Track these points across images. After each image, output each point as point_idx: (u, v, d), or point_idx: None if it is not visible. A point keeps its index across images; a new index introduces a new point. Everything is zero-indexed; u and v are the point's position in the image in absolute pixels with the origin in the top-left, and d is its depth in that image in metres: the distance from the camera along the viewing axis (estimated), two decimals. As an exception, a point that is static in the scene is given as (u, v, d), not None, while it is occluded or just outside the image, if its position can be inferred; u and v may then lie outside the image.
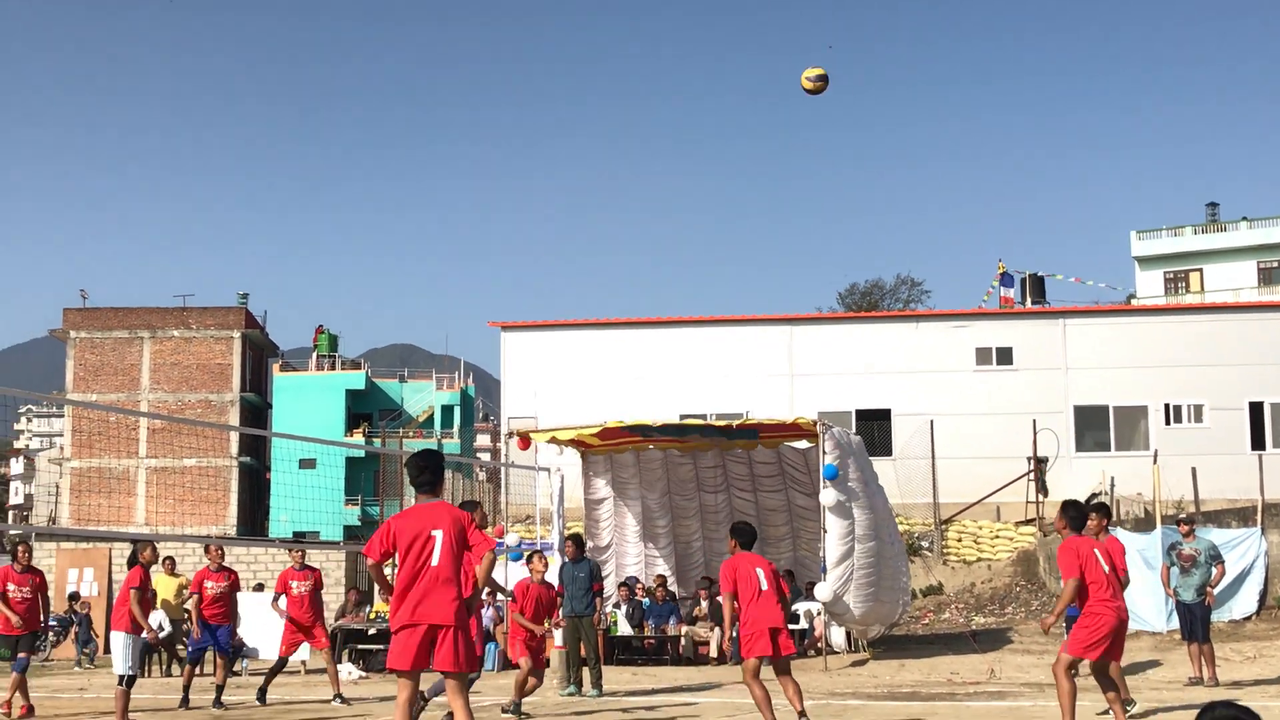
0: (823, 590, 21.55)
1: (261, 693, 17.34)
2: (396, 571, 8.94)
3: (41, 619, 16.29)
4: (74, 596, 33.54)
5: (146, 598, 14.88)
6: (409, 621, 8.64)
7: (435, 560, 8.71)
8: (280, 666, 17.85)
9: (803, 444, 25.39)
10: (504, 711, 14.47)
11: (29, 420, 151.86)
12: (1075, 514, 11.77)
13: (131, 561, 15.07)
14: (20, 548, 16.44)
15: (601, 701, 16.97)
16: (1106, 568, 11.31)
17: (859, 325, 46.11)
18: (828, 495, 21.50)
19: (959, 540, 35.23)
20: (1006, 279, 49.01)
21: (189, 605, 25.32)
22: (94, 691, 20.35)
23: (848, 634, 23.42)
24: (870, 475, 22.67)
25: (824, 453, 21.67)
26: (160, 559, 18.73)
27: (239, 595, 18.46)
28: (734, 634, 12.64)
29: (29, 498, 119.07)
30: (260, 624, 24.22)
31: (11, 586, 15.76)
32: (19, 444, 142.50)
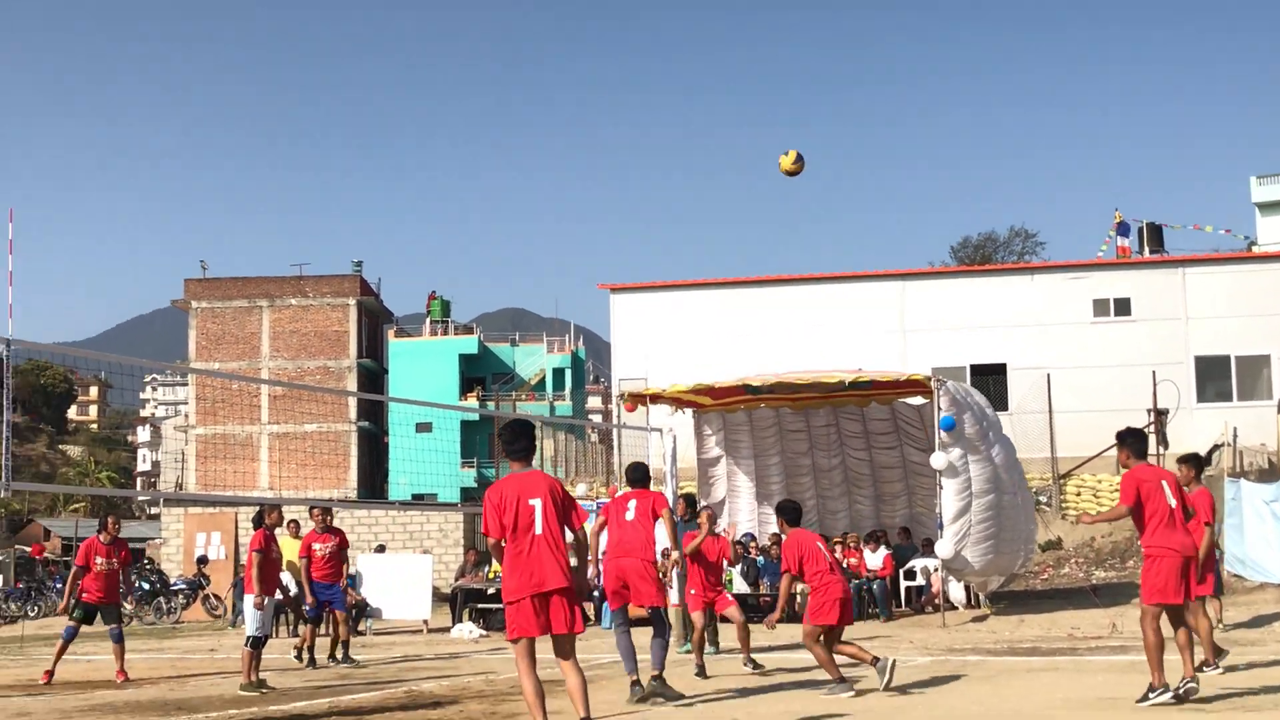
0: (942, 547, 21.45)
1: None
2: (499, 538, 9.10)
3: (122, 591, 16.75)
4: (202, 560, 34.41)
5: (272, 559, 15.18)
6: (520, 595, 8.86)
7: (539, 528, 8.92)
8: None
9: (917, 400, 25.21)
10: (745, 666, 14.43)
11: (154, 389, 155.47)
12: (1135, 441, 11.02)
13: (257, 524, 15.42)
14: (110, 519, 16.76)
15: (719, 658, 17.08)
16: (1173, 502, 10.56)
17: (972, 279, 45.52)
18: (938, 459, 21.36)
19: (1078, 494, 34.79)
20: (1123, 228, 47.93)
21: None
22: (224, 652, 20.91)
23: (967, 589, 23.28)
24: (990, 426, 22.44)
25: (939, 408, 21.53)
26: (285, 522, 19.12)
27: (362, 557, 18.85)
28: (784, 610, 13.25)
29: (156, 464, 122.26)
30: (382, 585, 24.70)
31: (99, 560, 16.17)
32: (145, 412, 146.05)
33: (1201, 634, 12.05)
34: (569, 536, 9.28)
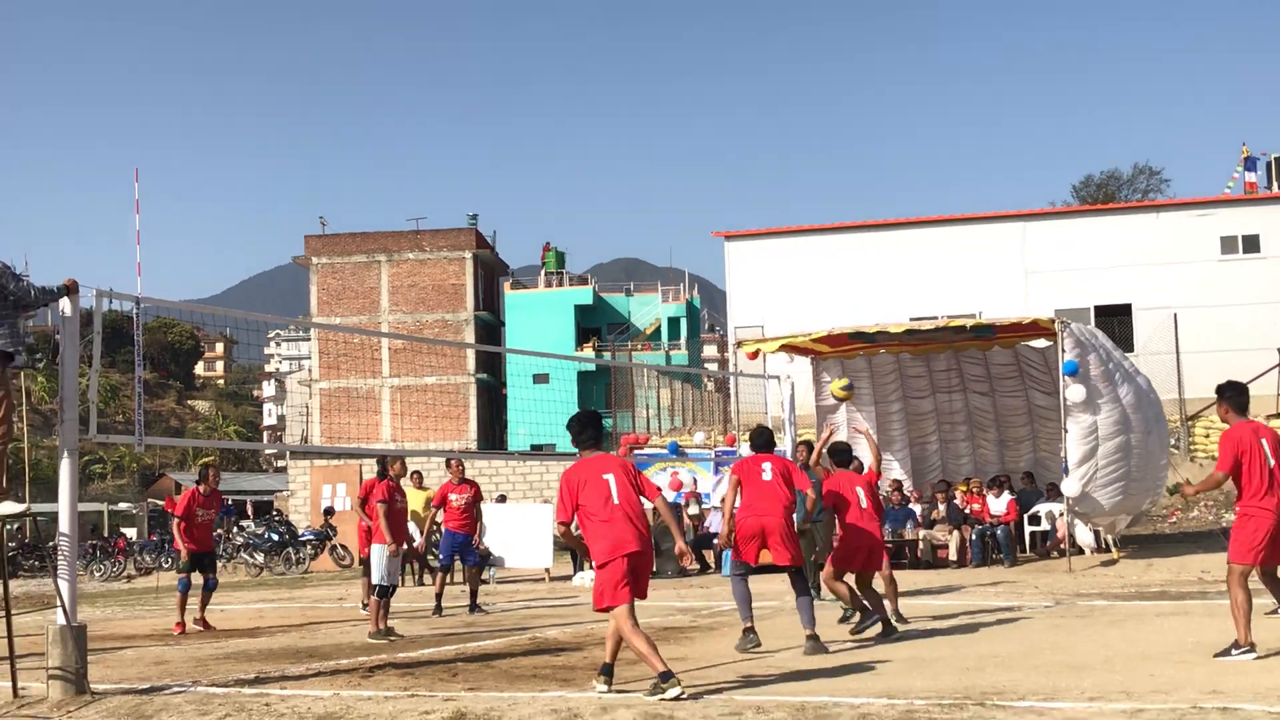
0: (1069, 485, 21.12)
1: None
2: (578, 523, 9.69)
3: (217, 536, 17.35)
4: (329, 511, 35.03)
5: (396, 509, 15.38)
6: (610, 556, 9.34)
7: (616, 499, 9.46)
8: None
9: (1041, 343, 24.78)
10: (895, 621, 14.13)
11: (278, 344, 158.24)
12: (1235, 396, 10.47)
13: (381, 475, 15.63)
14: (211, 472, 17.42)
15: (840, 605, 17.00)
16: (1272, 461, 10.09)
17: (1095, 218, 44.59)
18: (1074, 391, 20.96)
19: (1206, 436, 34.05)
20: (1251, 163, 46.55)
21: (439, 519, 26.30)
22: (352, 601, 21.29)
23: (1095, 534, 22.92)
24: (1116, 366, 21.99)
25: (1063, 351, 21.15)
26: (409, 472, 19.48)
27: (484, 508, 19.09)
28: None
29: (281, 418, 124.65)
30: (504, 534, 24.95)
31: (199, 511, 16.94)
32: (269, 368, 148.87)
33: None
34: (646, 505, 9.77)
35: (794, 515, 12.62)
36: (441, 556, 18.74)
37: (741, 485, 12.45)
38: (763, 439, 13.03)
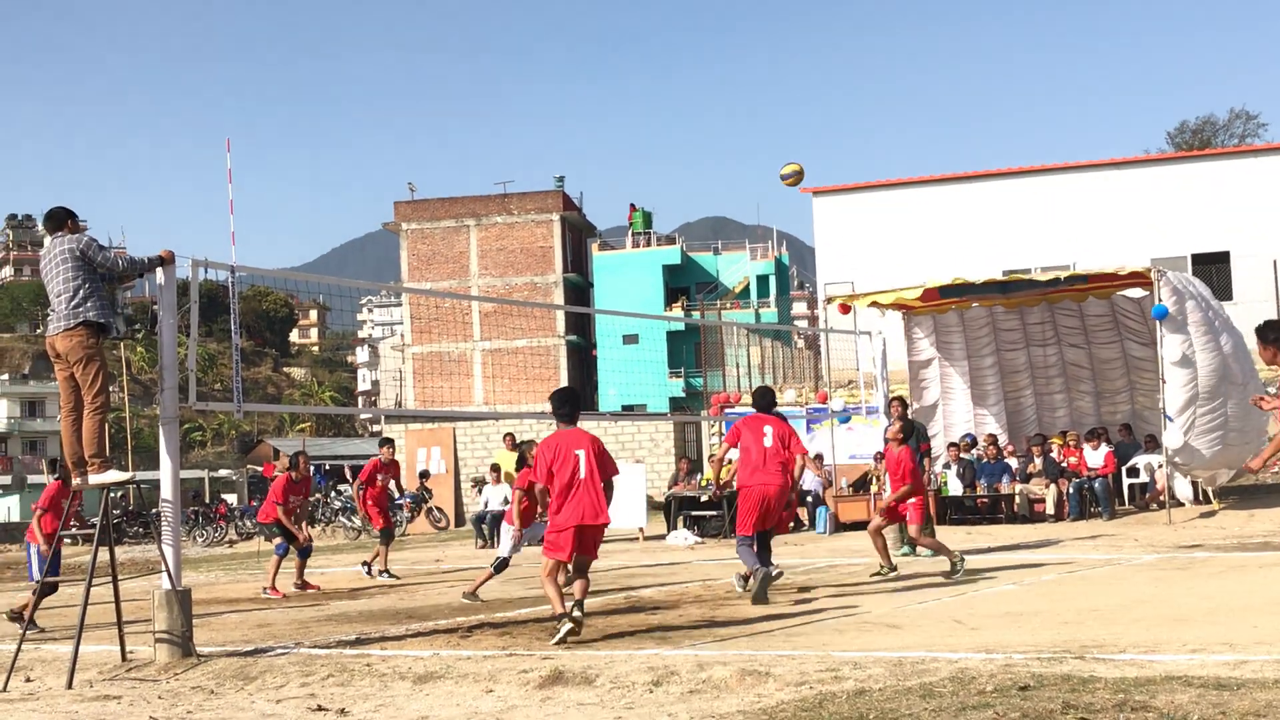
0: (1170, 437, 20.82)
1: None
2: (548, 484, 10.82)
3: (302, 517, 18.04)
4: (424, 474, 35.39)
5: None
6: (566, 525, 10.58)
7: (583, 474, 10.64)
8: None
9: (1137, 292, 24.39)
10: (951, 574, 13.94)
11: (370, 310, 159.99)
12: (1276, 336, 9.66)
13: (519, 464, 15.97)
14: (302, 458, 18.25)
15: (936, 561, 16.93)
16: None
17: (1191, 165, 43.69)
18: (1171, 342, 20.63)
19: (1310, 385, 33.38)
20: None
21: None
22: (449, 563, 21.54)
23: (1194, 485, 22.59)
24: (1215, 315, 21.61)
25: (1160, 299, 20.80)
26: (504, 435, 19.69)
27: None
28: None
29: (375, 384, 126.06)
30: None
31: (292, 498, 17.50)
32: (363, 334, 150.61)
33: None
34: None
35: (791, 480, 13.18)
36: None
37: (742, 446, 13.04)
38: (765, 400, 13.56)
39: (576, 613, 10.26)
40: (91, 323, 10.16)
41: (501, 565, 14.69)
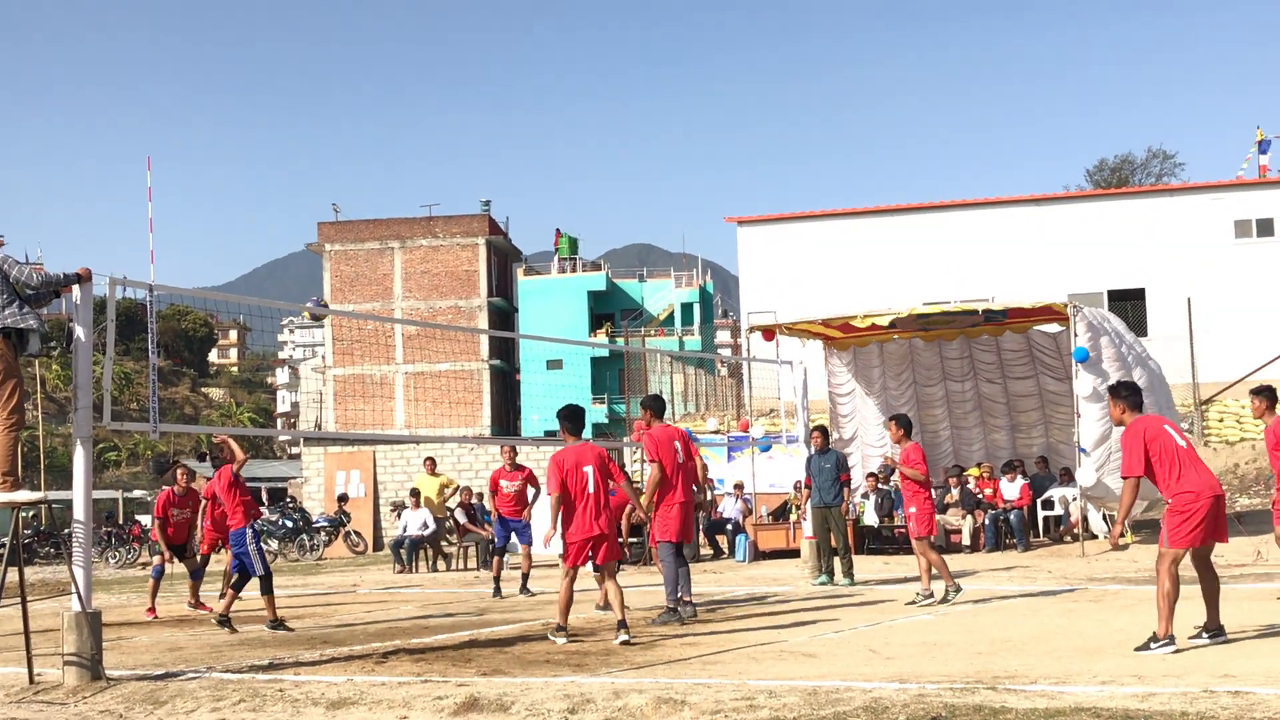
0: (1084, 474, 21.11)
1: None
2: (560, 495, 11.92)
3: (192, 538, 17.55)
4: (342, 498, 35.13)
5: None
6: (577, 537, 11.82)
7: (591, 488, 11.78)
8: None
9: (1053, 328, 24.76)
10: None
11: (291, 331, 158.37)
12: (1130, 394, 10.27)
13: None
14: (180, 471, 17.90)
15: (853, 590, 17.04)
16: (1183, 443, 10.07)
17: (1109, 202, 44.48)
18: (1084, 381, 20.97)
19: (1220, 420, 34.01)
20: (1264, 146, 46.36)
21: (451, 503, 26.32)
22: (366, 587, 21.35)
23: (1107, 518, 22.91)
24: (1128, 350, 21.98)
25: (1075, 335, 21.11)
26: (424, 459, 19.65)
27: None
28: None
29: (295, 405, 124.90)
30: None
31: (174, 511, 17.32)
32: (283, 355, 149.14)
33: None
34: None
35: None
36: (496, 540, 18.88)
37: (663, 466, 13.48)
38: (661, 404, 14.39)
39: (624, 635, 11.40)
40: (10, 330, 10.02)
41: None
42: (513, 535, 18.51)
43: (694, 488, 13.87)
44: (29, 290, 10.32)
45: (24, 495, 10.26)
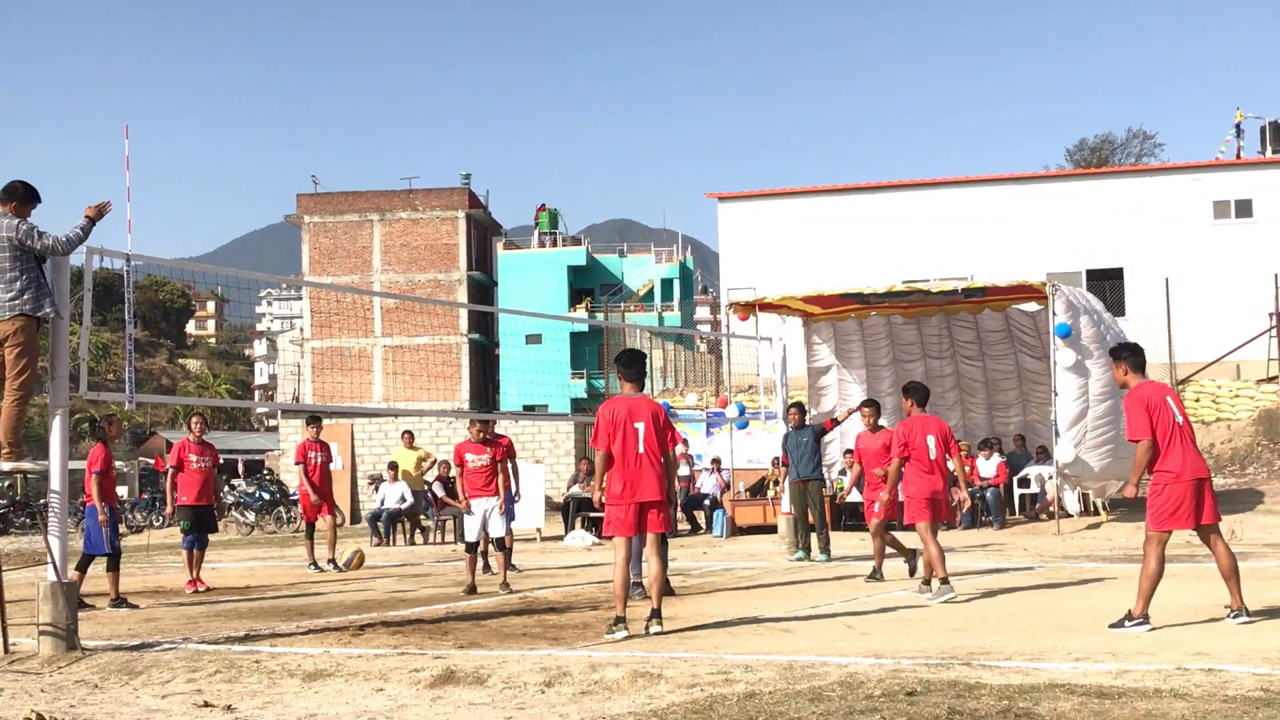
0: (1061, 451, 21.20)
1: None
2: (603, 452, 10.60)
3: (218, 497, 17.04)
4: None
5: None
6: (625, 499, 10.37)
7: (641, 447, 10.39)
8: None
9: (1031, 306, 24.82)
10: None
11: (269, 304, 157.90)
12: (1131, 355, 10.27)
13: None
14: (195, 419, 16.91)
15: (830, 566, 17.10)
16: (1180, 419, 9.97)
17: (1089, 182, 44.56)
18: (1064, 355, 21.04)
19: (1197, 400, 34.15)
20: (1244, 127, 46.44)
21: (429, 476, 26.28)
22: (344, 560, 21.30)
23: (1083, 497, 23.04)
24: (1107, 330, 22.07)
25: (1054, 314, 21.18)
26: (402, 432, 19.50)
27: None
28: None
29: (273, 378, 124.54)
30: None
31: (192, 458, 16.22)
32: (261, 327, 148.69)
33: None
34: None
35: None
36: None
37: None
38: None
39: (655, 627, 10.20)
40: (29, 316, 10.02)
41: (471, 547, 14.96)
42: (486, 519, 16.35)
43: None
44: (59, 254, 10.22)
45: (26, 465, 10.32)
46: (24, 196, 10.26)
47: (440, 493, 25.86)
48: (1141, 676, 7.61)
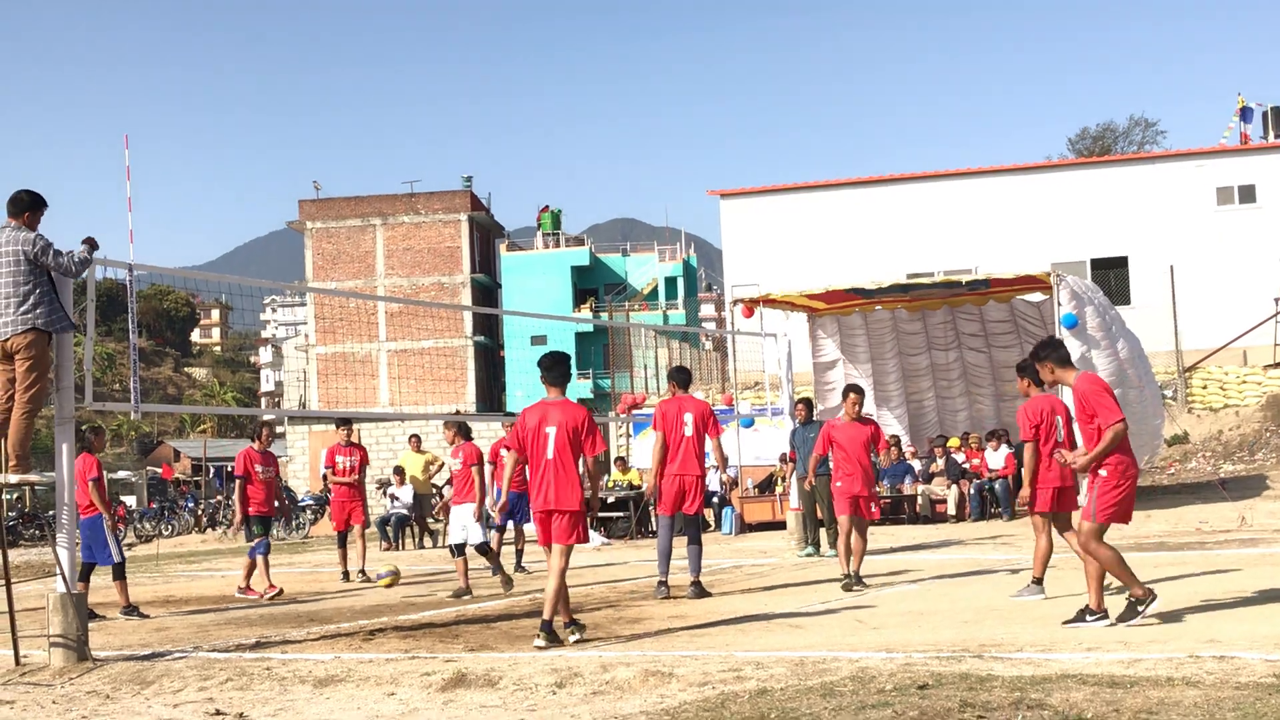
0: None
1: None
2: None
3: (278, 505, 16.84)
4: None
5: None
6: (534, 506, 10.29)
7: (550, 454, 10.14)
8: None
9: (1036, 296, 24.78)
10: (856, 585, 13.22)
11: (274, 310, 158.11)
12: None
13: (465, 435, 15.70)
14: (265, 429, 16.80)
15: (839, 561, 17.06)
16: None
17: (1091, 171, 44.46)
18: (1071, 346, 21.00)
19: (1204, 388, 34.11)
20: (1247, 113, 46.33)
21: (437, 480, 26.30)
22: (352, 565, 21.29)
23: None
24: (1111, 320, 22.03)
25: (1059, 304, 21.14)
26: (409, 435, 19.36)
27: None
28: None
29: (279, 384, 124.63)
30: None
31: (258, 468, 16.19)
32: (266, 334, 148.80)
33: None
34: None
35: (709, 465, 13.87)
36: (497, 519, 17.86)
37: (667, 438, 13.26)
38: (684, 376, 13.83)
39: (574, 636, 10.07)
40: (41, 330, 10.01)
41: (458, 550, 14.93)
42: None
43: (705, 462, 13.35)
44: (70, 275, 10.24)
45: (32, 477, 10.33)
46: (31, 205, 10.27)
47: (448, 496, 25.80)
48: (1153, 665, 7.59)
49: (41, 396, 10.22)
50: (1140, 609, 9.52)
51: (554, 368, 10.59)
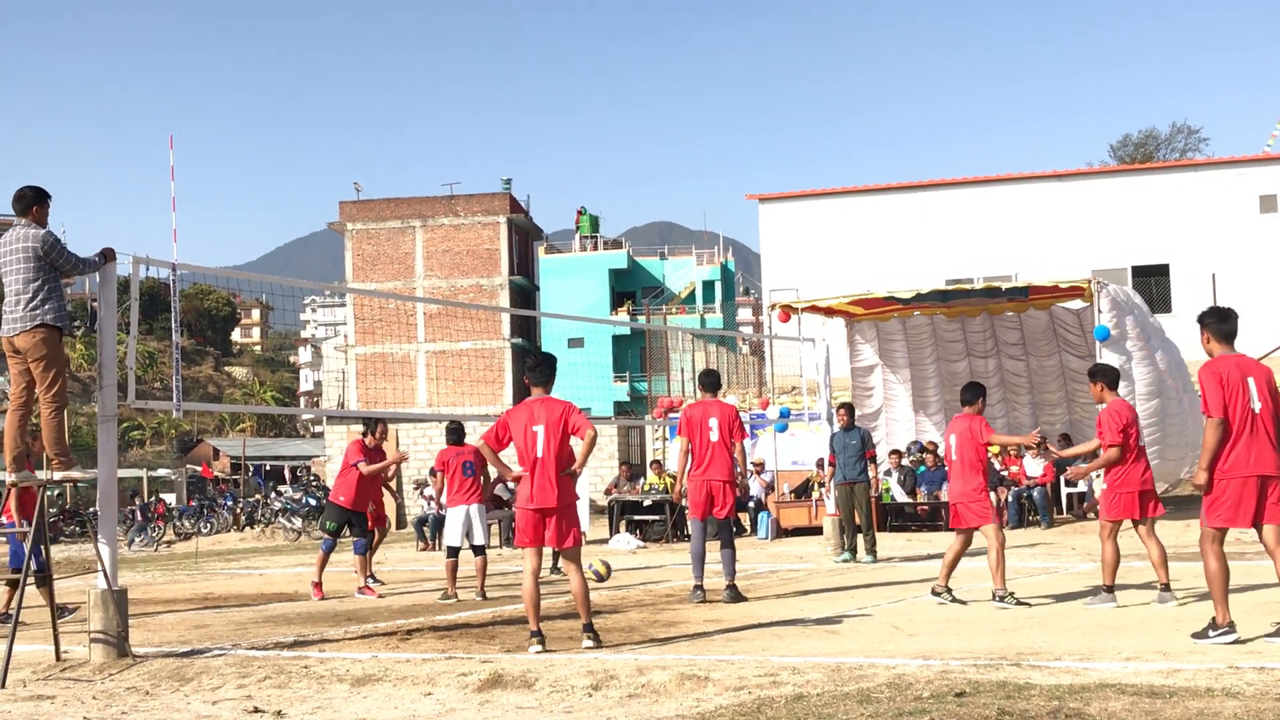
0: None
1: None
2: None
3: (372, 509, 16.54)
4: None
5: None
6: (524, 506, 10.10)
7: (540, 452, 10.05)
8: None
9: (1076, 304, 24.65)
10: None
11: (314, 310, 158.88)
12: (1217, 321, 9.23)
13: (455, 439, 15.59)
14: (380, 425, 16.56)
15: (876, 567, 17.03)
16: (1256, 405, 8.90)
17: (1133, 178, 44.19)
18: (1108, 357, 20.88)
19: (1246, 397, 33.84)
20: (1291, 121, 45.99)
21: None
22: (389, 565, 21.41)
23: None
24: (1152, 331, 21.90)
25: (1099, 311, 21.02)
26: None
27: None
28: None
29: (318, 384, 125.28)
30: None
31: (362, 463, 15.96)
32: (305, 334, 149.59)
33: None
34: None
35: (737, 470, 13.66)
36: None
37: (692, 443, 13.48)
38: (711, 379, 14.00)
39: (588, 642, 9.88)
40: (50, 325, 10.10)
41: (451, 552, 14.88)
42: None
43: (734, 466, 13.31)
44: (72, 275, 10.40)
45: (76, 474, 10.41)
46: (36, 200, 10.35)
47: (503, 494, 25.65)
48: (1193, 675, 7.55)
49: (64, 393, 10.32)
50: (1213, 634, 8.95)
51: (538, 368, 10.66)
